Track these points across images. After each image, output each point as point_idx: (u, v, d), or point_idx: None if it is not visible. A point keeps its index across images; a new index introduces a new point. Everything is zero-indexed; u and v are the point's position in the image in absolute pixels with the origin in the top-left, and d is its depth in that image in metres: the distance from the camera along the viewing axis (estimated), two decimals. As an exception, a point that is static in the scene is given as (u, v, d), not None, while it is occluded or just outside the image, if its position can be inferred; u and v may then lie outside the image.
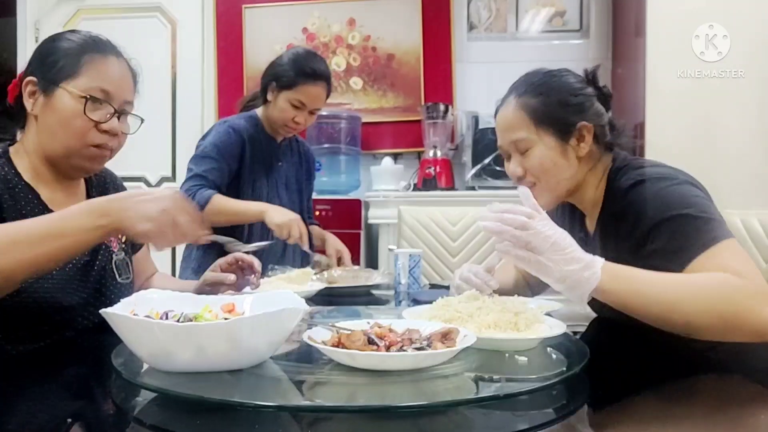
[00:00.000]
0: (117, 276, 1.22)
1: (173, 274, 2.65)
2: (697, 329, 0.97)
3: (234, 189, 1.96)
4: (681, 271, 1.01)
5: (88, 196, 1.26)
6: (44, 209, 1.13)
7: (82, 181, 1.27)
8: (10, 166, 1.13)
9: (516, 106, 1.21)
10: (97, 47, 1.16)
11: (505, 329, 0.93)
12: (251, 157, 1.98)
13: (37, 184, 1.15)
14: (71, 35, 1.17)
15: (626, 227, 1.12)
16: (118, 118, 1.16)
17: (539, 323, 0.96)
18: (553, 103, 1.19)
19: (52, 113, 1.12)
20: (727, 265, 0.97)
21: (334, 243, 2.09)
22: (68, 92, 1.11)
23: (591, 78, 1.23)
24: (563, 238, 0.97)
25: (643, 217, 1.09)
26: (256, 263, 1.32)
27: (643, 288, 0.97)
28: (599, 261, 0.97)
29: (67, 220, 0.94)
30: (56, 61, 1.13)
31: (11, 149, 1.17)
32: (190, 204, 1.01)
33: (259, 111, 2.06)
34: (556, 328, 0.95)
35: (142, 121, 1.22)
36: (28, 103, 1.14)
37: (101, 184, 1.32)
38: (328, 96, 2.00)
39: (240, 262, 1.32)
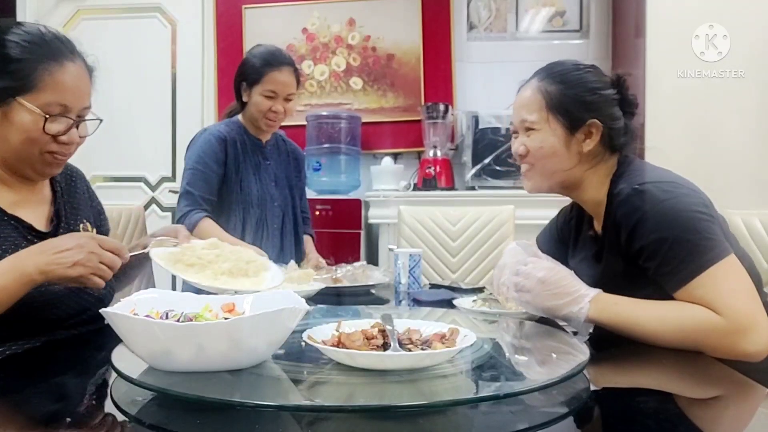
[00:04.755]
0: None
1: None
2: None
3: (222, 191, 2.01)
4: (673, 293, 1.07)
5: (54, 195, 1.24)
6: (3, 214, 1.12)
7: (47, 181, 1.24)
8: None
9: (535, 88, 1.25)
10: (52, 54, 1.10)
11: (237, 276, 1.15)
12: (234, 159, 2.02)
13: None
14: (17, 36, 1.09)
15: (623, 235, 1.14)
16: (77, 128, 1.13)
17: (266, 271, 1.21)
18: (570, 95, 1.22)
19: (9, 126, 1.09)
20: (711, 299, 1.02)
21: (315, 257, 2.12)
22: (25, 107, 1.07)
23: (618, 83, 1.25)
24: (554, 275, 1.10)
25: (635, 232, 1.11)
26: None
27: (627, 323, 1.06)
28: (589, 295, 1.07)
29: None
30: (9, 72, 1.07)
31: None
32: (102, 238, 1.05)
33: (240, 116, 2.11)
34: (277, 277, 1.20)
35: (101, 121, 1.18)
36: None
37: (68, 182, 1.30)
38: (298, 82, 2.04)
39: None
